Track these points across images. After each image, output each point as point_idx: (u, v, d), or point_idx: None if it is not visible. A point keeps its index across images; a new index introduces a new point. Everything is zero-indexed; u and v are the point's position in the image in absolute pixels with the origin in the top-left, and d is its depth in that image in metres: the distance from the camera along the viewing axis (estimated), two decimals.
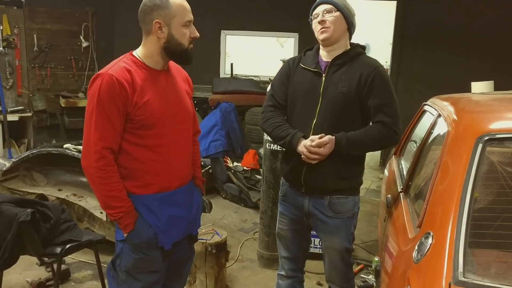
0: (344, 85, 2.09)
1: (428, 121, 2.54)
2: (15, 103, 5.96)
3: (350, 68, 2.11)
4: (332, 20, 2.09)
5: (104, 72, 1.78)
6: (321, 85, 2.13)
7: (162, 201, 1.92)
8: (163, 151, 1.90)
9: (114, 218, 1.85)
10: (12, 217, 2.41)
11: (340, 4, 2.10)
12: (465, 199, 1.46)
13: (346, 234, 2.21)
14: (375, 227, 4.21)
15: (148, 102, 1.82)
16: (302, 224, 2.31)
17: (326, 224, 2.20)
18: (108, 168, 1.79)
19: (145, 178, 1.88)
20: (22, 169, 3.84)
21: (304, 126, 2.14)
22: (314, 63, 2.18)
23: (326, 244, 2.27)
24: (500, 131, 1.65)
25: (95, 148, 1.77)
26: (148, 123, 1.83)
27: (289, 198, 2.30)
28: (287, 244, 2.39)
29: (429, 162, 2.17)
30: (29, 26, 5.93)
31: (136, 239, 1.89)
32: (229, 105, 5.57)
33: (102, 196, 1.83)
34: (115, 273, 1.99)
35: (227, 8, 6.44)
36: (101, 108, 1.76)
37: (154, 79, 1.87)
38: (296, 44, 6.40)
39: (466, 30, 5.49)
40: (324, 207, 2.18)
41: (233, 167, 5.13)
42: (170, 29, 1.82)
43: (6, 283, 3.00)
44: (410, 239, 1.73)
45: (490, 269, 1.38)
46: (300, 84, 2.20)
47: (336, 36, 2.11)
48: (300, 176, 2.17)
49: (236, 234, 4.18)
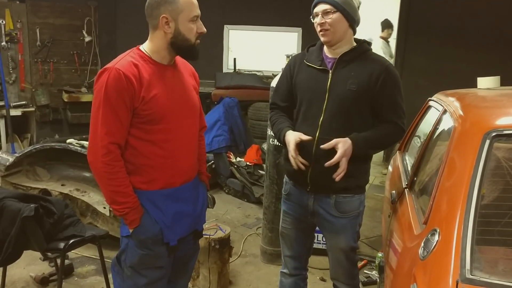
0: (354, 82, 2.05)
1: (433, 116, 2.52)
2: (18, 98, 5.96)
3: (358, 65, 2.08)
4: (331, 22, 2.03)
5: (111, 67, 1.76)
6: (327, 81, 2.09)
7: (167, 197, 1.92)
8: (169, 146, 1.89)
9: (120, 214, 1.84)
10: (16, 212, 2.40)
11: (339, 2, 2.02)
12: (472, 195, 1.45)
13: (352, 233, 2.19)
14: (378, 223, 4.20)
15: (155, 97, 1.81)
16: (306, 223, 2.29)
17: (332, 224, 2.18)
18: (114, 163, 1.78)
19: (151, 173, 1.88)
20: (25, 164, 3.84)
21: (311, 124, 2.11)
22: (319, 60, 2.14)
23: (331, 243, 2.25)
24: (507, 127, 1.63)
25: (102, 143, 1.76)
26: (154, 118, 1.82)
27: (293, 197, 2.27)
28: (291, 243, 2.37)
29: (435, 158, 2.15)
30: (31, 20, 5.92)
31: (142, 234, 1.88)
32: (232, 100, 5.55)
33: (108, 192, 1.83)
34: (120, 269, 1.99)
35: (230, 3, 6.41)
36: (108, 102, 1.75)
37: (161, 74, 1.86)
38: (299, 38, 6.37)
39: (471, 25, 5.44)
40: (330, 206, 2.15)
41: (236, 162, 5.12)
42: (177, 24, 1.80)
43: (9, 278, 3.01)
44: (416, 236, 1.72)
45: (497, 267, 1.37)
46: (305, 81, 2.16)
47: (337, 38, 2.07)
48: (306, 175, 2.12)
49: (239, 229, 4.18)
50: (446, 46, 5.61)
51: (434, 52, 5.70)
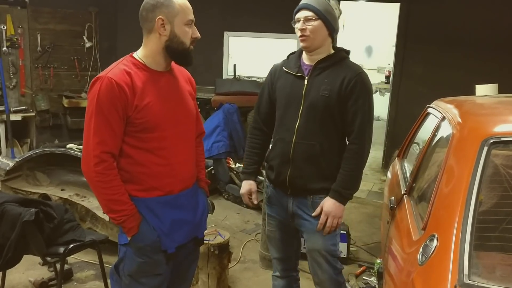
0: (326, 88, 2.11)
1: (432, 123, 2.54)
2: (18, 103, 5.96)
3: (333, 72, 2.13)
4: (312, 29, 2.08)
5: (103, 75, 1.76)
6: (303, 87, 2.15)
7: (165, 204, 1.90)
8: (165, 154, 1.87)
9: (117, 222, 1.83)
10: (16, 216, 2.41)
11: (321, 10, 2.08)
12: (470, 201, 1.46)
13: (329, 236, 2.20)
14: (377, 229, 4.21)
15: (148, 105, 1.80)
16: (289, 225, 2.33)
17: (309, 224, 2.22)
18: (108, 172, 1.76)
19: (148, 181, 1.86)
20: (25, 168, 3.85)
21: (288, 129, 2.19)
22: (296, 66, 2.21)
23: (309, 244, 2.27)
24: (505, 134, 1.65)
25: (94, 152, 1.74)
26: (149, 126, 1.81)
27: (274, 199, 2.34)
28: (278, 245, 2.42)
29: (433, 164, 2.17)
30: (32, 26, 5.94)
31: (140, 242, 1.87)
32: (231, 106, 5.57)
33: (104, 200, 1.81)
34: (119, 278, 1.97)
35: (230, 10, 6.44)
36: (100, 112, 1.74)
37: (155, 80, 1.84)
38: (298, 46, 6.39)
39: (470, 33, 5.48)
40: (308, 206, 2.21)
41: (235, 168, 5.13)
42: (173, 27, 1.80)
43: (8, 283, 3.00)
44: (415, 241, 1.73)
45: (495, 272, 1.38)
46: (283, 87, 2.23)
47: (316, 44, 2.13)
48: (285, 178, 2.21)
49: (238, 235, 4.18)
50: (444, 53, 5.64)
51: (432, 59, 5.73)
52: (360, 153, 2.13)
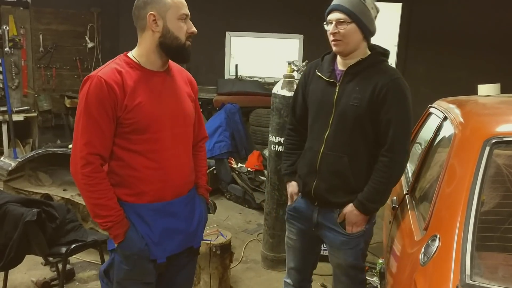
0: (357, 97, 1.96)
1: (434, 123, 2.53)
2: (20, 103, 5.98)
3: (365, 78, 1.97)
4: (344, 33, 1.93)
5: (93, 75, 1.70)
6: (334, 95, 2.01)
7: (156, 211, 1.81)
8: (157, 157, 1.78)
9: (103, 228, 1.75)
10: (18, 216, 2.42)
11: (355, 13, 1.91)
12: (472, 202, 1.46)
13: (353, 252, 2.09)
14: (379, 229, 4.18)
15: (139, 105, 1.72)
16: (311, 234, 2.21)
17: (334, 238, 2.11)
18: (94, 175, 1.69)
19: (138, 185, 1.78)
20: (27, 169, 3.86)
21: (317, 138, 2.07)
22: (328, 71, 2.07)
23: (332, 257, 2.19)
24: (507, 134, 1.64)
25: (80, 153, 1.68)
26: (139, 127, 1.73)
27: (300, 208, 2.22)
28: (296, 255, 2.30)
29: (435, 164, 2.16)
30: (35, 26, 5.95)
31: (127, 250, 1.78)
32: (233, 106, 5.57)
33: (90, 205, 1.73)
34: (109, 281, 1.91)
35: (232, 10, 6.44)
36: (89, 112, 1.68)
37: (148, 80, 1.77)
38: (301, 45, 6.39)
39: (472, 32, 5.47)
40: (333, 220, 2.09)
41: (237, 168, 5.13)
42: (165, 22, 1.73)
43: (11, 283, 3.01)
44: (417, 242, 1.73)
45: (497, 272, 1.38)
46: (314, 93, 2.11)
47: (349, 49, 1.98)
48: (310, 190, 2.11)
49: (240, 235, 4.18)
50: (446, 53, 5.64)
51: (434, 59, 5.73)
52: (391, 166, 1.96)
